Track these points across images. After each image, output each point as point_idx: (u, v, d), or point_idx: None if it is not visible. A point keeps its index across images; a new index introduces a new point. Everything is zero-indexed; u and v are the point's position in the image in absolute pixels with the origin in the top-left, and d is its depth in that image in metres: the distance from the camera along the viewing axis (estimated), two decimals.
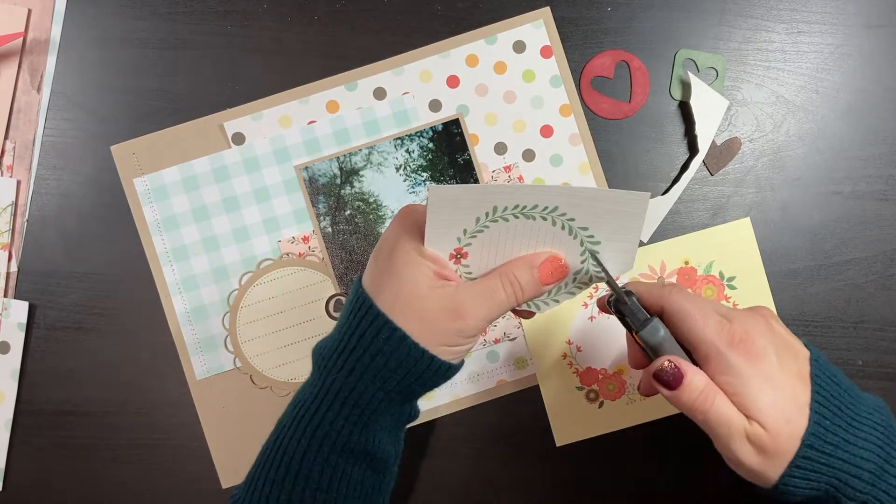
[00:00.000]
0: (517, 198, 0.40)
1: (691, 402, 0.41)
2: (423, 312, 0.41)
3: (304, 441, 0.42)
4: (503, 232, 0.42)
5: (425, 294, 0.41)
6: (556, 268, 0.43)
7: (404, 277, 0.41)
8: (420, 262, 0.41)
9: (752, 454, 0.41)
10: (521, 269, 0.42)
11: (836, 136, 0.61)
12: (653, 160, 0.61)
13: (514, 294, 0.42)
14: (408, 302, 0.41)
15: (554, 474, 0.60)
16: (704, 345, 0.42)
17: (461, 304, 0.41)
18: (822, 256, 0.61)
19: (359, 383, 0.41)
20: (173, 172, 0.61)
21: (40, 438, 0.61)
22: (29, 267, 0.61)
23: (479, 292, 0.42)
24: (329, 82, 0.61)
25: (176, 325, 0.61)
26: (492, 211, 0.41)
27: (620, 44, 0.61)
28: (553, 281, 0.43)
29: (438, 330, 0.41)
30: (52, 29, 0.62)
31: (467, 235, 0.42)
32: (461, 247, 0.42)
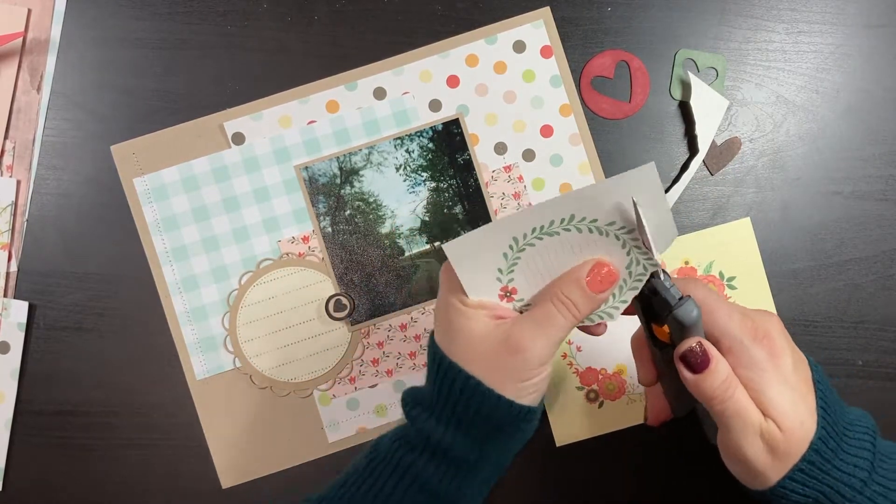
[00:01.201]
0: (530, 221, 0.40)
1: (713, 390, 0.41)
2: (485, 355, 0.41)
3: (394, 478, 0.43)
4: (537, 256, 0.41)
5: (481, 337, 0.41)
6: (604, 275, 0.42)
7: (462, 330, 0.42)
8: (471, 312, 0.42)
9: (762, 452, 0.41)
10: (568, 287, 0.42)
11: (836, 136, 0.61)
12: (653, 160, 0.61)
13: (570, 313, 0.42)
14: (470, 349, 0.41)
15: (554, 474, 0.60)
16: (728, 337, 0.41)
17: (517, 337, 0.41)
18: (822, 256, 0.61)
19: (445, 433, 0.42)
20: (173, 172, 0.61)
21: (40, 438, 0.61)
22: (29, 267, 0.61)
23: (534, 321, 0.41)
24: (329, 82, 0.61)
25: (176, 325, 0.61)
26: (514, 243, 0.41)
27: (620, 44, 0.61)
28: (604, 288, 0.42)
29: (504, 369, 0.41)
30: (52, 29, 0.62)
31: (505, 273, 0.42)
32: (506, 285, 0.42)
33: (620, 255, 0.42)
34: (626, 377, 0.61)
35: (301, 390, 0.61)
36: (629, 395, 0.60)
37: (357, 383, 0.61)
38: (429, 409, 0.43)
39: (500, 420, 0.42)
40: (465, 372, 0.41)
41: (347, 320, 0.61)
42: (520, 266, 0.42)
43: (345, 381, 0.61)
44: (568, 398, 0.60)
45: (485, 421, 0.42)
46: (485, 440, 0.42)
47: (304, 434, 0.60)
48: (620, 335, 0.60)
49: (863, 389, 0.60)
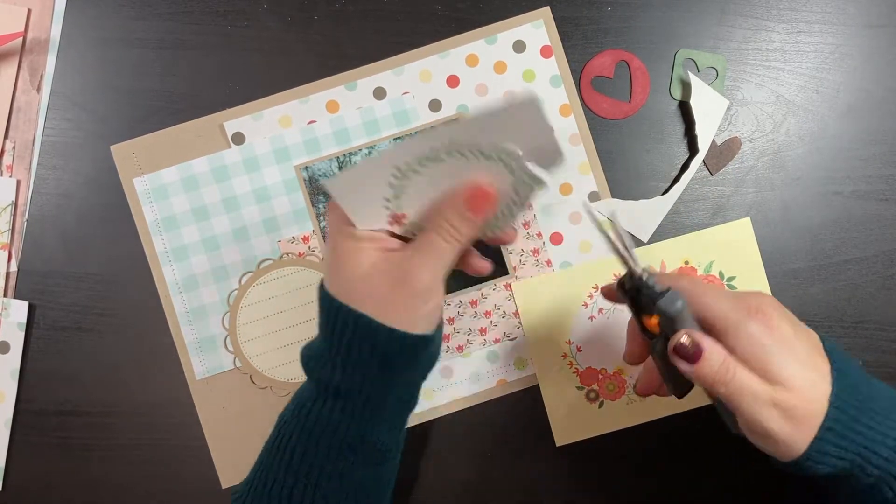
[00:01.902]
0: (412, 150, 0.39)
1: (713, 374, 0.41)
2: (372, 290, 0.41)
3: (303, 439, 0.43)
4: (424, 182, 0.41)
5: (367, 272, 0.41)
6: (483, 196, 0.41)
7: (348, 266, 0.41)
8: (356, 246, 0.41)
9: (780, 420, 0.40)
10: (450, 212, 0.41)
11: (836, 136, 0.61)
12: (653, 160, 0.61)
13: (453, 237, 0.41)
14: (356, 285, 0.41)
15: (554, 474, 0.60)
16: (721, 319, 0.42)
17: (404, 270, 0.41)
18: (822, 256, 0.61)
19: (343, 376, 0.42)
20: (173, 172, 0.61)
21: (40, 438, 0.61)
22: (29, 267, 0.61)
23: (419, 250, 0.41)
24: (329, 82, 0.61)
25: (176, 325, 0.61)
26: (397, 172, 0.40)
27: (620, 44, 0.61)
28: (485, 211, 0.41)
29: (393, 302, 0.41)
30: (52, 29, 0.62)
31: (392, 200, 0.41)
32: (394, 211, 0.41)
33: (506, 176, 0.41)
34: (626, 377, 0.61)
35: None
36: (629, 395, 0.60)
37: None
38: (323, 357, 0.42)
39: (397, 352, 0.41)
40: (355, 311, 0.40)
41: None
42: (407, 193, 0.41)
43: None
44: (568, 398, 0.60)
45: (381, 356, 0.41)
46: (384, 375, 0.42)
47: None
48: (620, 336, 0.60)
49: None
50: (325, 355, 0.42)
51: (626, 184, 0.61)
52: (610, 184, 0.61)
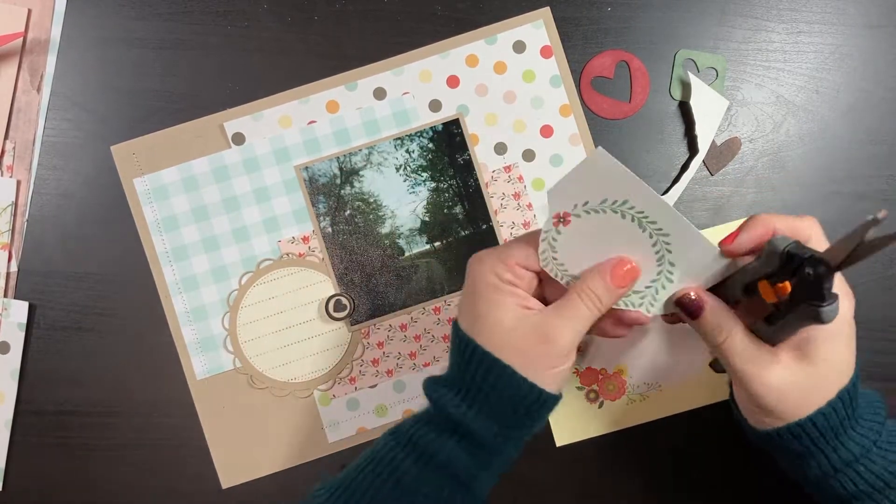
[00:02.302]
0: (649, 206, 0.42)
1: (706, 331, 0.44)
2: (515, 344, 0.43)
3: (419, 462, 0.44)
4: (608, 225, 0.43)
5: (514, 326, 0.43)
6: (626, 271, 0.44)
7: (491, 317, 0.43)
8: (500, 300, 0.44)
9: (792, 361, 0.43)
10: (593, 279, 0.44)
11: (836, 136, 0.61)
12: (653, 160, 0.61)
13: (594, 304, 0.44)
14: (502, 338, 0.43)
15: (554, 474, 0.60)
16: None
17: (548, 327, 0.43)
18: None
19: (478, 418, 0.43)
20: (173, 172, 0.61)
21: (40, 438, 0.61)
22: (29, 267, 0.61)
23: (561, 312, 0.43)
24: (329, 82, 0.61)
25: (176, 325, 0.61)
26: (620, 202, 0.42)
27: (620, 44, 0.61)
28: (625, 284, 0.44)
29: (535, 357, 0.43)
30: (52, 29, 0.62)
31: (583, 207, 0.43)
32: (570, 213, 0.43)
33: (652, 263, 0.44)
34: (626, 377, 0.61)
35: (301, 390, 0.61)
36: (629, 395, 0.60)
37: (357, 383, 0.61)
38: (454, 391, 0.44)
39: (527, 406, 0.43)
40: (501, 361, 0.42)
41: (347, 320, 0.61)
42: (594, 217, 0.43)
43: (345, 381, 0.61)
44: (568, 398, 0.60)
45: (512, 406, 0.43)
46: (508, 425, 0.44)
47: (304, 434, 0.60)
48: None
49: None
50: (460, 395, 0.44)
51: None
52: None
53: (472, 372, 0.43)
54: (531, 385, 0.43)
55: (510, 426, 0.44)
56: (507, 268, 0.44)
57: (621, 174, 0.41)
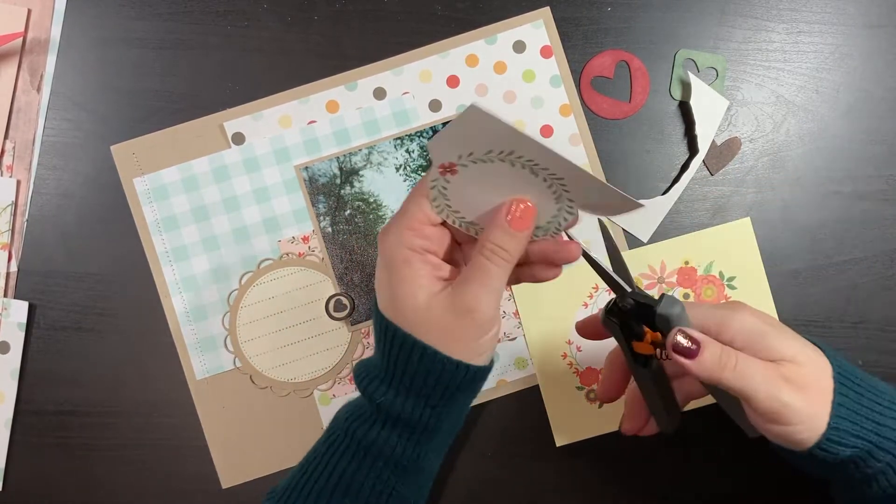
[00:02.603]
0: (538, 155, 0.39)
1: (718, 361, 0.41)
2: (435, 322, 0.41)
3: (357, 457, 0.44)
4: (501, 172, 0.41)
5: (426, 303, 0.41)
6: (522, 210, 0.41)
7: (405, 294, 0.41)
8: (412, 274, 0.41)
9: (794, 394, 0.41)
10: (494, 233, 0.41)
11: (836, 136, 0.61)
12: (653, 160, 0.61)
13: (502, 258, 0.41)
14: (417, 316, 0.41)
15: (554, 474, 0.60)
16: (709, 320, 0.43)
17: (464, 299, 0.41)
18: (822, 256, 0.61)
19: (405, 404, 0.42)
20: (173, 172, 0.61)
21: (40, 438, 0.61)
22: (29, 267, 0.61)
23: (474, 278, 0.41)
24: (329, 82, 0.61)
25: (176, 325, 0.61)
26: (507, 151, 0.40)
27: (620, 44, 0.61)
28: (526, 225, 0.41)
29: (457, 333, 0.41)
30: (52, 29, 0.62)
31: (469, 158, 0.40)
32: (455, 163, 0.41)
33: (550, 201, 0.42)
34: None
35: (301, 390, 0.61)
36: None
37: None
38: (383, 381, 0.43)
39: (458, 384, 0.42)
40: (420, 342, 0.41)
41: (347, 320, 0.61)
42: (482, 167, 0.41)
43: (345, 381, 0.61)
44: (568, 398, 0.60)
45: (441, 385, 0.42)
46: (442, 404, 0.43)
47: (304, 434, 0.60)
48: None
49: None
50: (386, 380, 0.43)
51: (626, 184, 0.61)
52: (610, 184, 0.61)
53: (395, 356, 0.42)
54: (457, 363, 0.41)
55: (442, 404, 0.43)
56: (414, 233, 0.41)
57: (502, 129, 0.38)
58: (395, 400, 0.42)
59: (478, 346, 0.42)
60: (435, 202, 0.42)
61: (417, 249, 0.41)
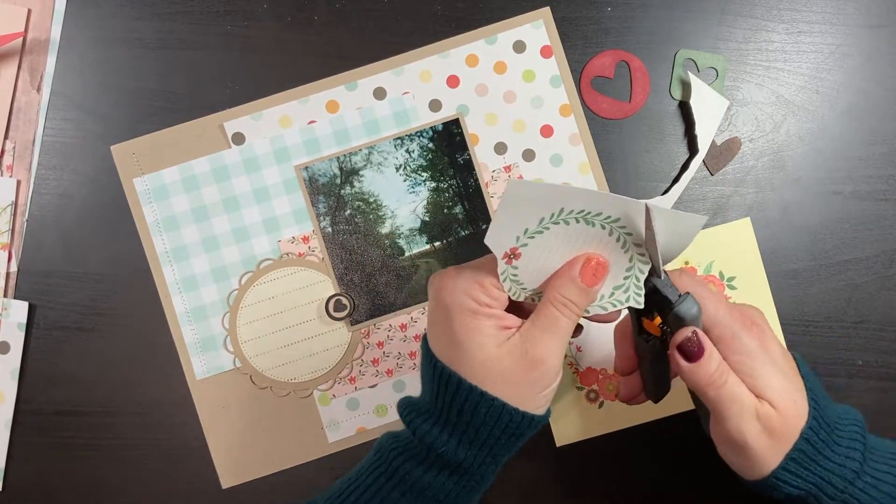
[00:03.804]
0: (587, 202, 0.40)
1: (708, 377, 0.41)
2: (503, 373, 0.41)
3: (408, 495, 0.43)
4: (560, 234, 0.42)
5: (496, 354, 0.41)
6: (594, 266, 0.42)
7: (472, 345, 0.41)
8: (479, 325, 0.41)
9: (759, 434, 0.41)
10: (564, 286, 0.42)
11: (836, 136, 0.61)
12: (653, 160, 0.61)
13: (572, 311, 0.42)
14: (485, 367, 0.41)
15: (554, 474, 0.60)
16: (719, 326, 0.42)
17: (534, 351, 0.41)
18: (822, 256, 0.61)
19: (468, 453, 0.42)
20: (173, 172, 0.61)
21: (40, 438, 0.61)
22: (29, 267, 0.61)
23: (543, 328, 0.41)
24: (329, 82, 0.61)
25: (176, 325, 0.61)
26: (557, 212, 0.40)
27: (620, 44, 0.61)
28: (597, 281, 0.42)
29: (525, 384, 0.41)
30: (52, 29, 0.62)
31: (526, 236, 0.41)
32: (517, 247, 0.42)
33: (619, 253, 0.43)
34: None
35: (301, 390, 0.61)
36: None
37: (357, 383, 0.61)
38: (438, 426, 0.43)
39: (519, 433, 0.42)
40: (489, 395, 0.41)
41: (347, 320, 0.61)
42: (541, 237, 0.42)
43: (345, 381, 0.61)
44: (568, 398, 0.60)
45: (507, 437, 0.42)
46: (496, 451, 0.43)
47: (304, 434, 0.60)
48: None
49: (863, 389, 0.60)
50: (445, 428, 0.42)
51: (626, 184, 0.61)
52: (610, 184, 0.61)
53: (459, 406, 0.41)
54: (523, 414, 0.41)
55: (498, 451, 0.43)
56: (482, 290, 0.42)
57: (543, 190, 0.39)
58: (457, 449, 0.42)
59: (541, 397, 0.42)
60: (510, 292, 0.43)
61: (483, 304, 0.42)
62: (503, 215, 0.40)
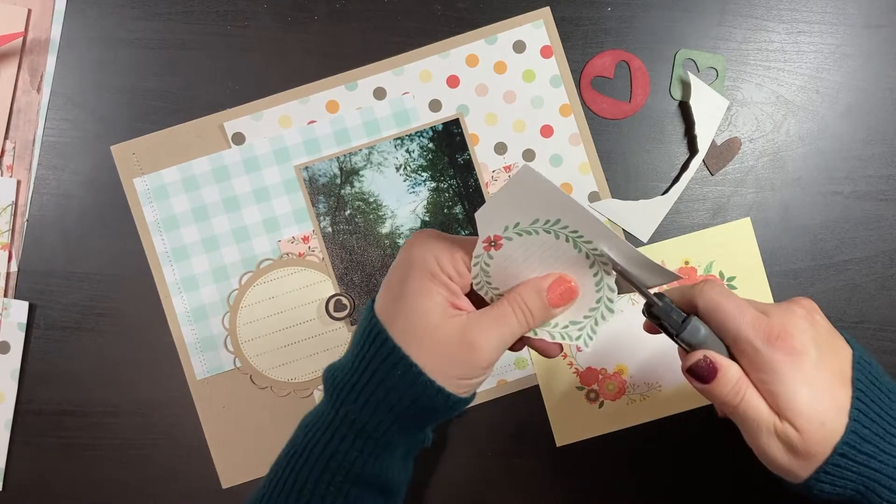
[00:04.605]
0: (584, 225, 0.40)
1: (723, 396, 0.41)
2: (436, 344, 0.40)
3: (316, 470, 0.42)
4: (544, 245, 0.41)
5: (438, 324, 0.40)
6: (565, 290, 0.41)
7: (417, 306, 0.40)
8: (432, 289, 0.40)
9: (781, 451, 0.40)
10: (529, 294, 0.41)
11: (836, 136, 0.61)
12: (653, 160, 0.61)
13: (525, 319, 0.41)
14: (421, 332, 0.40)
15: (554, 474, 0.60)
16: (740, 341, 0.41)
17: (474, 335, 0.40)
18: (822, 256, 0.61)
19: (373, 416, 0.41)
20: (173, 172, 0.61)
21: (40, 438, 0.61)
22: (29, 267, 0.61)
23: (492, 320, 0.41)
24: (329, 82, 0.61)
25: (176, 325, 0.61)
26: (553, 221, 0.40)
27: (620, 44, 0.61)
28: (562, 303, 0.42)
29: (452, 362, 0.40)
30: (52, 29, 0.62)
31: (514, 229, 0.40)
32: (501, 236, 0.41)
33: (591, 291, 0.42)
34: (626, 377, 0.61)
35: (301, 390, 0.61)
36: (629, 395, 0.60)
37: None
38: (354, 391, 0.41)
39: (434, 408, 0.41)
40: (408, 358, 0.40)
41: (347, 320, 0.61)
42: (526, 238, 0.41)
43: None
44: (568, 398, 0.60)
45: (421, 411, 0.41)
46: (404, 420, 0.42)
47: None
48: (620, 336, 0.60)
49: None
50: (358, 389, 0.41)
51: (626, 184, 0.61)
52: (610, 184, 0.61)
53: (376, 364, 0.40)
54: (438, 388, 0.40)
55: (406, 421, 0.41)
56: (451, 261, 0.41)
57: (550, 191, 0.38)
58: (362, 411, 0.41)
59: (463, 383, 0.41)
60: (475, 279, 0.42)
61: (445, 271, 0.41)
62: (504, 196, 0.39)
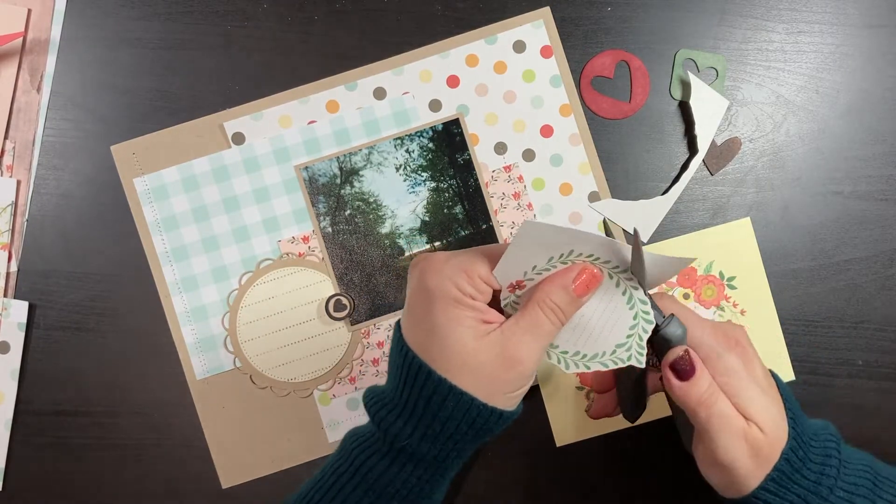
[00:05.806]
0: (596, 248, 0.40)
1: (699, 396, 0.42)
2: (479, 367, 0.40)
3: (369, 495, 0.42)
4: None
5: (474, 347, 0.40)
6: (588, 276, 0.41)
7: (450, 334, 0.40)
8: (461, 315, 0.40)
9: (745, 455, 0.42)
10: (555, 292, 0.41)
11: (836, 136, 0.61)
12: (653, 160, 0.61)
13: (557, 318, 0.41)
14: (461, 360, 0.40)
15: (554, 474, 0.60)
16: (704, 347, 0.43)
17: (513, 349, 0.40)
18: (823, 256, 0.61)
19: (432, 447, 0.41)
20: (173, 172, 0.61)
21: (40, 438, 0.61)
22: (29, 267, 0.61)
23: (526, 329, 0.41)
24: (329, 82, 0.61)
25: (176, 325, 0.61)
26: (567, 253, 0.41)
27: (620, 44, 0.61)
28: (587, 291, 0.42)
29: (498, 381, 0.41)
30: (52, 29, 0.62)
31: (534, 271, 0.42)
32: (524, 280, 0.42)
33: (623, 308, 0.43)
34: None
35: (301, 390, 0.61)
36: None
37: (357, 383, 0.61)
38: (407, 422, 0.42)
39: (490, 428, 0.42)
40: (457, 389, 0.40)
41: (347, 320, 0.61)
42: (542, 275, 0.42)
43: (345, 381, 0.61)
44: (568, 398, 0.60)
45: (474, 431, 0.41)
46: (462, 445, 0.42)
47: (304, 434, 0.60)
48: None
49: (863, 389, 0.60)
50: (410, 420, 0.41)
51: (626, 184, 0.61)
52: (610, 184, 0.61)
53: (426, 398, 0.40)
54: (491, 409, 0.40)
55: (464, 445, 0.42)
56: (468, 280, 0.41)
57: (557, 232, 0.39)
58: (420, 443, 0.41)
59: (512, 396, 0.42)
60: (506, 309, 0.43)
61: (467, 294, 0.41)
62: (515, 252, 0.40)
